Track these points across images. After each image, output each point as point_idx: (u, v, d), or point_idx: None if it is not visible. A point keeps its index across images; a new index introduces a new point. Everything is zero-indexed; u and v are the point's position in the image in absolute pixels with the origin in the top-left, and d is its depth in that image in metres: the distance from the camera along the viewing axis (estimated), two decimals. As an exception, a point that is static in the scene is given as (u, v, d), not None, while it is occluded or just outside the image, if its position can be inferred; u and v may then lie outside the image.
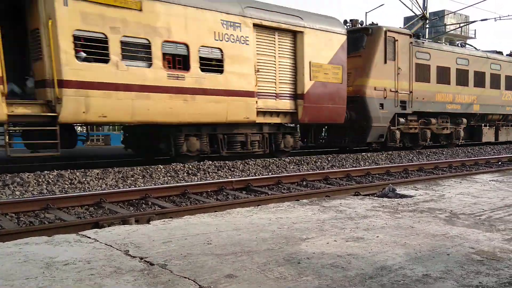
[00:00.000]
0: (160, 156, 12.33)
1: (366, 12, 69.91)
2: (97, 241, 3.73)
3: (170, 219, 4.84)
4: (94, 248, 3.50)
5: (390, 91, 16.01)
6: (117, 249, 3.46)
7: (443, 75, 18.25)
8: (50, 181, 8.54)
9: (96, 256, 3.28)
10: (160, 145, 11.76)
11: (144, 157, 12.95)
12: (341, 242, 3.68)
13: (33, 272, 2.92)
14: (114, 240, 3.73)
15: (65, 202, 6.91)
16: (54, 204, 6.72)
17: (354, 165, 13.04)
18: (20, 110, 9.04)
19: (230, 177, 10.14)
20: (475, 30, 55.66)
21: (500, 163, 14.43)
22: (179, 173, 10.16)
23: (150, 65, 10.44)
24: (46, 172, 8.90)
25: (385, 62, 15.79)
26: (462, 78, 19.22)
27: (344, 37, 14.33)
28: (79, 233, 4.03)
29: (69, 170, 9.25)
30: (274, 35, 12.88)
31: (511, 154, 17.44)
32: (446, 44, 20.47)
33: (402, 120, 16.73)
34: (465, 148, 19.08)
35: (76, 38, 9.30)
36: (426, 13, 27.32)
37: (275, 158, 12.71)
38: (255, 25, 12.23)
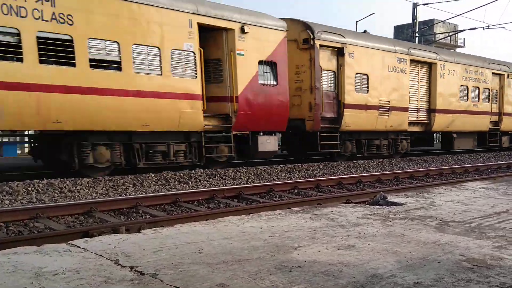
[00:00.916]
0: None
1: (357, 21, 70.48)
2: (87, 250, 3.69)
3: (161, 227, 4.81)
4: (84, 258, 3.47)
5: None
6: (107, 259, 3.43)
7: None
8: (40, 190, 8.47)
9: (86, 266, 3.25)
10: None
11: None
12: (333, 250, 3.68)
13: (22, 282, 2.88)
14: (104, 250, 3.69)
15: (54, 211, 6.85)
16: (44, 213, 6.65)
17: (345, 172, 13.08)
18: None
19: (221, 185, 10.13)
20: (464, 38, 56.32)
21: (489, 170, 14.56)
22: (170, 181, 10.13)
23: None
24: (35, 180, 8.83)
25: None
26: None
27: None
28: (69, 242, 3.99)
29: (59, 179, 9.18)
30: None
31: (500, 161, 17.59)
32: None
33: None
34: (455, 155, 19.22)
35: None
36: (416, 22, 27.65)
37: (266, 166, 12.71)
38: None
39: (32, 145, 12.31)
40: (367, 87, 16.01)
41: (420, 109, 18.67)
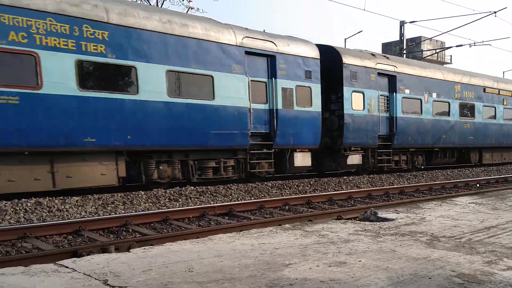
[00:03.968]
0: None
1: (345, 39, 71.19)
2: (75, 270, 3.64)
3: (151, 246, 4.76)
4: (72, 278, 3.42)
5: None
6: (96, 279, 3.38)
7: None
8: (28, 209, 8.36)
9: (74, 287, 3.20)
10: None
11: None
12: (324, 267, 3.67)
13: (8, 305, 2.83)
14: (93, 270, 3.64)
15: (43, 231, 6.76)
16: (32, 233, 6.57)
17: (336, 188, 13.09)
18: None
19: (212, 202, 10.07)
20: (451, 55, 57.14)
21: (478, 185, 14.66)
22: (160, 199, 10.06)
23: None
24: (23, 200, 8.71)
25: None
26: None
27: None
28: (57, 262, 3.93)
29: (47, 197, 9.07)
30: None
31: (489, 176, 17.74)
32: None
33: None
34: (444, 170, 19.35)
35: None
36: (404, 39, 28.06)
37: (257, 183, 12.70)
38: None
39: None
40: None
41: None
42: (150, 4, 21.86)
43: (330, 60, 15.24)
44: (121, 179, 10.52)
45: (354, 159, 15.92)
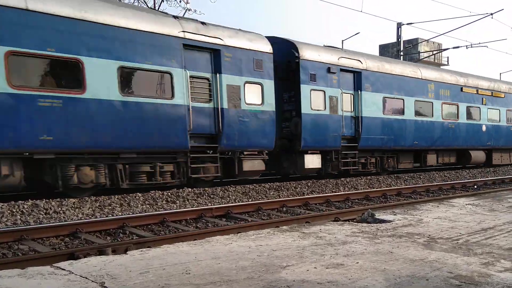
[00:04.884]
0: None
1: (343, 40, 71.41)
2: (72, 273, 3.62)
3: (148, 248, 4.75)
4: (69, 281, 3.41)
5: None
6: (92, 281, 3.37)
7: None
8: (25, 211, 8.33)
9: (71, 289, 3.19)
10: None
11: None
12: (321, 269, 3.66)
13: (4, 307, 2.82)
14: (89, 272, 3.63)
15: (39, 233, 6.73)
16: (29, 235, 6.53)
17: (333, 190, 13.09)
18: None
19: (209, 204, 10.06)
20: (447, 57, 57.32)
21: (476, 186, 14.68)
22: (157, 200, 10.04)
23: None
24: (20, 202, 8.68)
25: None
26: None
27: None
28: (54, 265, 3.92)
29: (44, 199, 9.04)
30: None
31: (486, 178, 17.78)
32: None
33: None
34: (441, 172, 19.38)
35: None
36: (401, 41, 28.12)
37: (255, 184, 12.68)
38: None
39: None
40: None
41: None
42: (148, 6, 21.80)
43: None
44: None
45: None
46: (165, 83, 10.92)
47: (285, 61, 14.04)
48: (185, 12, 22.82)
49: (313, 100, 14.15)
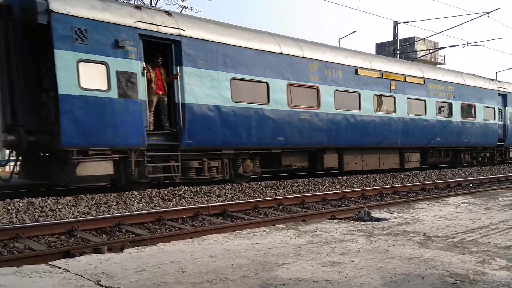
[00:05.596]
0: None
1: (339, 39, 71.38)
2: (68, 271, 3.61)
3: (144, 246, 4.75)
4: (64, 279, 3.40)
5: None
6: (88, 279, 3.36)
7: None
8: (20, 209, 8.31)
9: (66, 287, 3.18)
10: None
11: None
12: (317, 267, 3.67)
13: (-1, 306, 2.81)
14: (85, 270, 3.62)
15: (35, 231, 6.71)
16: (24, 233, 6.52)
17: (330, 188, 13.11)
18: None
19: (206, 202, 10.05)
20: (444, 56, 57.45)
21: (471, 185, 14.73)
22: (154, 199, 10.02)
23: None
24: (16, 200, 8.66)
25: None
26: None
27: None
28: (49, 263, 3.91)
29: (40, 197, 9.02)
30: None
31: (482, 176, 17.84)
32: None
33: None
34: (437, 170, 19.44)
35: None
36: (397, 39, 28.13)
37: (251, 183, 12.68)
38: None
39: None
40: None
41: None
42: (145, 4, 21.71)
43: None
44: None
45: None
46: None
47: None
48: (182, 10, 22.74)
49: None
